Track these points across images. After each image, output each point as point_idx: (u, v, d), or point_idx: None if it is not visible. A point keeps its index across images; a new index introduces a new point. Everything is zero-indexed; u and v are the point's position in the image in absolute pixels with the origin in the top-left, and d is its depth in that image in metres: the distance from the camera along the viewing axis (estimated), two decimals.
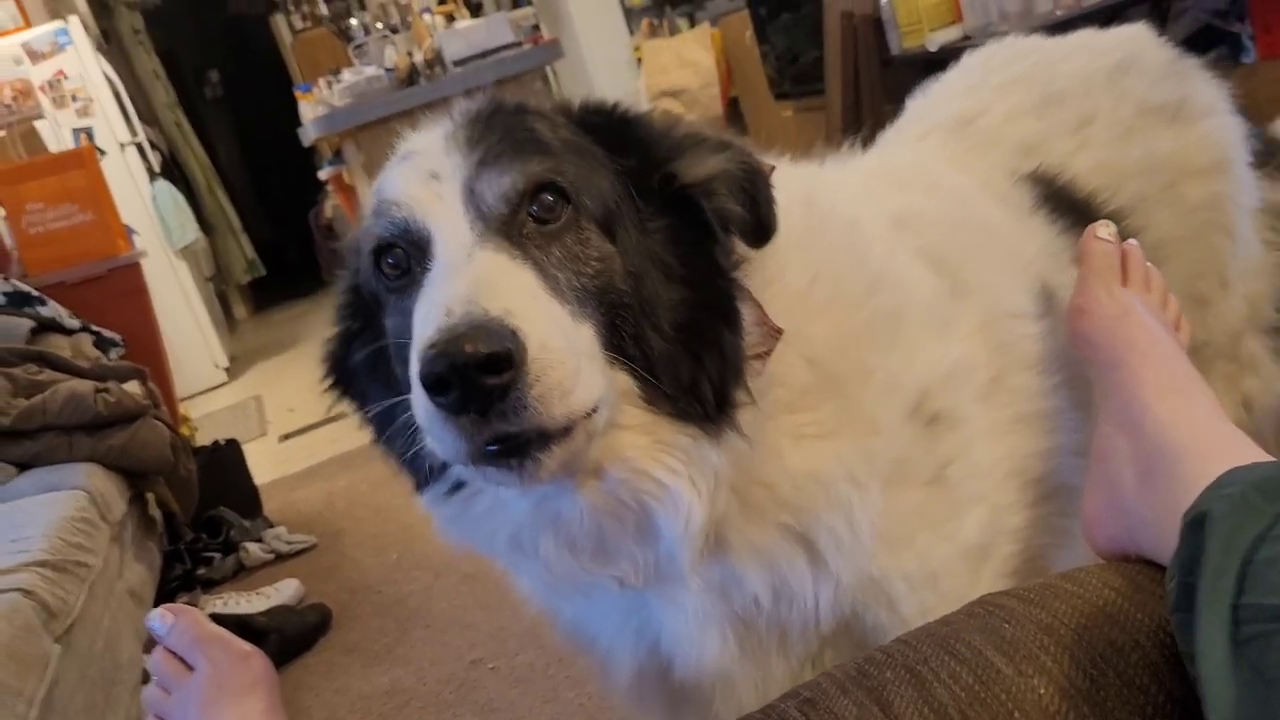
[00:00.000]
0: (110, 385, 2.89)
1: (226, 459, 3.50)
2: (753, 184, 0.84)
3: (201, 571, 3.11)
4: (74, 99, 5.86)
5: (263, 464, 3.95)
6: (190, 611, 1.01)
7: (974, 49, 1.48)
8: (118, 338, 3.67)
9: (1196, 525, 0.62)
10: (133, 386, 3.11)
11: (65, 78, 5.83)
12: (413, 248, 0.79)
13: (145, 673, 2.29)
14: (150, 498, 2.98)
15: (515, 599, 1.00)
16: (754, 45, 5.21)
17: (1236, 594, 0.57)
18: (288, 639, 2.52)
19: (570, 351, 0.70)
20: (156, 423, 2.89)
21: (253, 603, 2.76)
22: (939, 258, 1.02)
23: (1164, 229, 1.28)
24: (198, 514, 3.23)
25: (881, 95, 3.89)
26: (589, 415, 0.72)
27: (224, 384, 6.16)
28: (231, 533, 3.23)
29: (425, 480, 0.86)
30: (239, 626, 2.23)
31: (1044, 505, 1.00)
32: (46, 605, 1.87)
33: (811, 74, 4.63)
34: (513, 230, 0.77)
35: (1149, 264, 1.07)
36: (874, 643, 0.87)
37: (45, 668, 1.76)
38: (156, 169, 6.41)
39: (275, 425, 4.88)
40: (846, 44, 4.00)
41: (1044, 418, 1.02)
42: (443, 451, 0.72)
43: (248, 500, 3.45)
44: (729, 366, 0.80)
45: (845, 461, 0.86)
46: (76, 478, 2.55)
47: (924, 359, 0.93)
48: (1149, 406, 0.85)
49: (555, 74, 6.61)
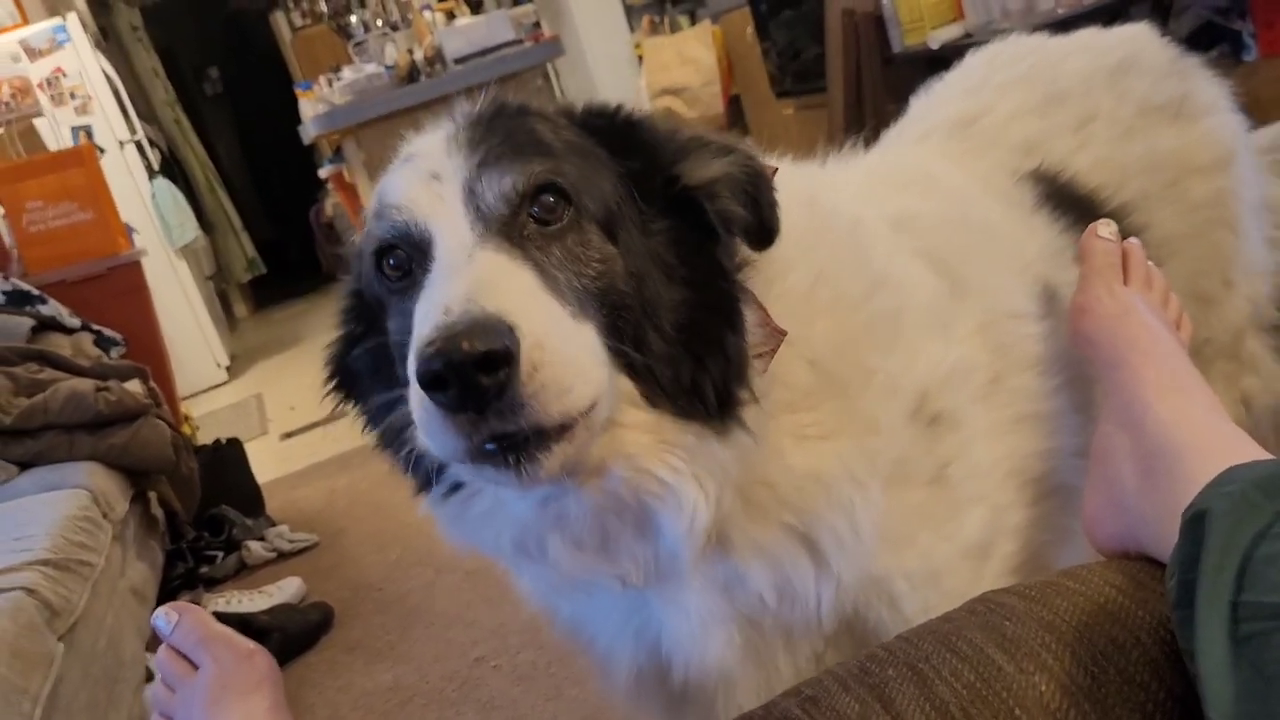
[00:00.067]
0: (111, 384, 2.89)
1: (228, 457, 3.51)
2: (756, 187, 0.83)
3: (204, 570, 3.11)
4: (72, 96, 5.85)
5: (264, 462, 3.96)
6: (195, 610, 1.01)
7: (976, 47, 1.49)
8: (118, 336, 3.67)
9: (1196, 523, 0.62)
10: (134, 385, 3.11)
11: (64, 75, 5.82)
12: (413, 249, 0.79)
13: (148, 671, 2.30)
14: (152, 496, 2.98)
15: (516, 596, 1.00)
16: (755, 42, 5.20)
17: (1236, 591, 0.57)
18: (290, 637, 2.52)
19: (568, 350, 0.70)
20: (158, 421, 2.90)
21: (255, 601, 2.77)
22: (940, 259, 1.02)
23: (1168, 226, 1.28)
24: (200, 512, 3.23)
25: (883, 93, 3.89)
26: (588, 413, 0.71)
27: (225, 383, 6.16)
28: (233, 531, 3.23)
29: (426, 483, 0.85)
30: (241, 625, 2.23)
31: (1044, 504, 1.01)
32: (50, 604, 1.87)
33: (813, 71, 4.61)
34: (513, 231, 0.76)
35: (1150, 263, 1.07)
36: (876, 642, 0.87)
37: (49, 666, 1.76)
38: (156, 167, 6.40)
39: (276, 424, 4.88)
40: (848, 41, 4.00)
41: (1044, 418, 1.02)
42: (440, 450, 0.71)
43: (249, 499, 3.45)
44: (732, 367, 0.79)
45: (846, 462, 0.86)
46: (78, 476, 2.55)
47: (924, 360, 0.93)
48: (1150, 405, 0.85)
49: (556, 71, 6.62)
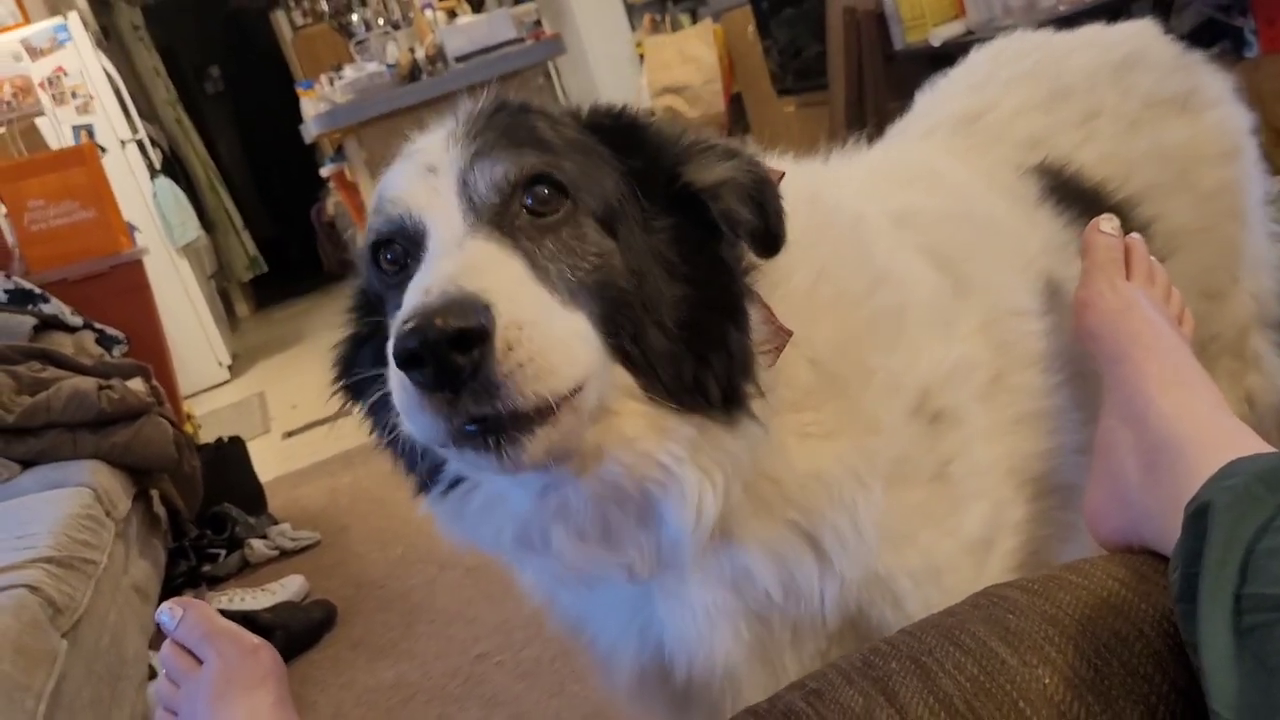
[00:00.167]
0: (114, 382, 2.89)
1: (230, 456, 3.51)
2: (761, 193, 0.83)
3: (206, 568, 3.12)
4: (74, 96, 5.85)
5: (266, 461, 3.96)
6: (199, 605, 1.01)
7: (977, 44, 1.49)
8: (120, 335, 3.67)
9: (1199, 516, 0.62)
10: (136, 384, 3.11)
11: (65, 74, 5.82)
12: (408, 242, 0.79)
13: (151, 668, 2.30)
14: (155, 494, 2.98)
15: (519, 592, 1.00)
16: (756, 41, 5.19)
17: (1239, 584, 0.57)
18: (293, 635, 2.53)
19: (550, 332, 0.69)
20: (160, 420, 2.90)
21: (258, 599, 2.77)
22: (942, 255, 1.02)
23: (1176, 219, 1.28)
24: (202, 511, 3.23)
25: (885, 91, 3.89)
26: (573, 398, 0.70)
27: (227, 381, 6.16)
28: (236, 529, 3.23)
29: (426, 482, 0.85)
30: (245, 623, 2.23)
31: (1046, 500, 1.01)
32: (53, 601, 1.87)
33: (814, 69, 4.61)
34: (505, 221, 0.76)
35: (1152, 258, 1.07)
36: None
37: (53, 663, 1.76)
38: (157, 166, 6.41)
39: (278, 422, 4.89)
40: (849, 39, 4.00)
41: (1046, 415, 1.02)
42: (420, 433, 0.70)
43: (252, 497, 3.45)
44: (736, 363, 0.79)
45: (847, 461, 0.86)
46: (81, 475, 2.55)
47: (926, 358, 0.93)
48: (1152, 400, 0.85)
49: (557, 70, 6.61)
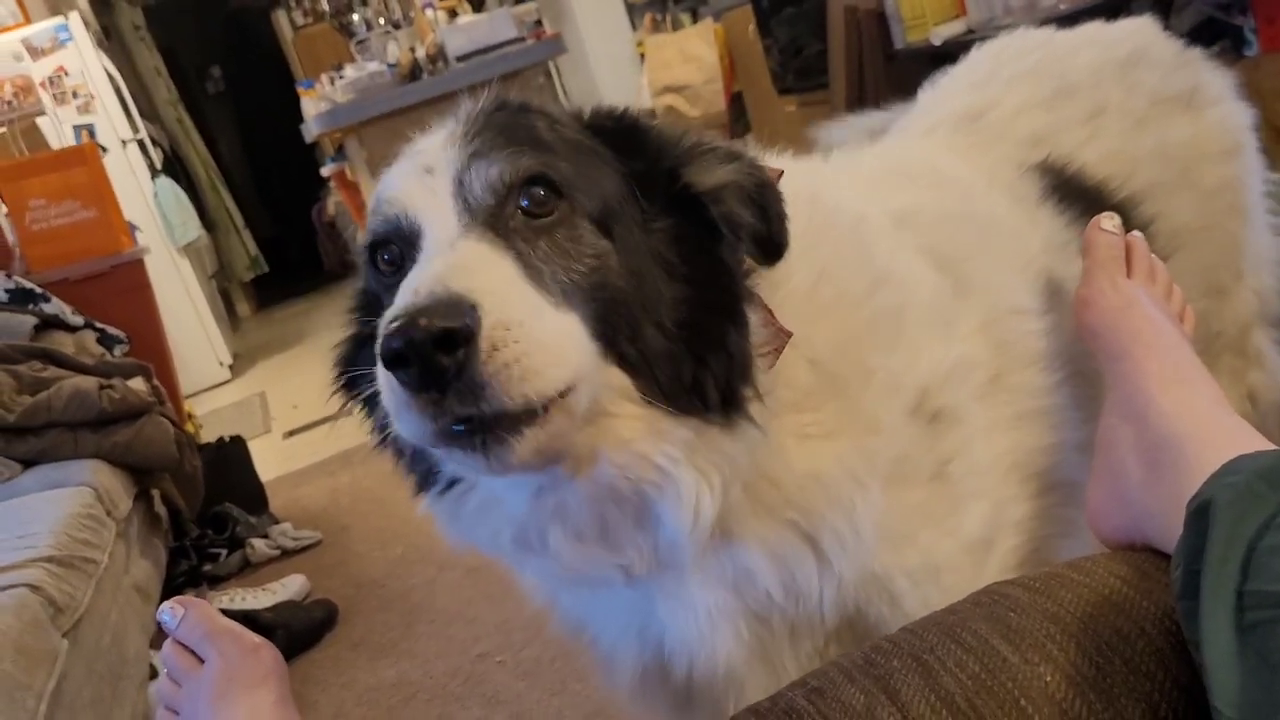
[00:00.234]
0: (115, 382, 2.89)
1: (232, 455, 3.51)
2: (762, 196, 0.83)
3: (207, 568, 3.12)
4: (75, 95, 5.85)
5: (267, 460, 3.96)
6: (200, 604, 1.01)
7: (979, 43, 1.48)
8: (121, 334, 3.67)
9: (1201, 513, 0.62)
10: (137, 383, 3.12)
11: (66, 74, 5.82)
12: (404, 243, 0.79)
13: (152, 668, 2.30)
14: (156, 494, 2.98)
15: (519, 592, 1.00)
16: (757, 40, 5.19)
17: (1241, 581, 0.57)
18: (294, 634, 2.53)
19: (538, 334, 0.69)
20: (161, 419, 2.90)
21: (259, 599, 2.77)
22: (942, 255, 1.01)
23: (1180, 217, 1.28)
24: (203, 510, 3.23)
25: (886, 90, 3.88)
26: (562, 399, 0.70)
27: (227, 381, 6.16)
28: (237, 529, 3.23)
29: (425, 482, 0.85)
30: (246, 622, 2.23)
31: (1046, 498, 1.00)
32: (54, 601, 1.87)
33: (815, 68, 4.60)
34: (499, 222, 0.76)
35: (1153, 255, 1.07)
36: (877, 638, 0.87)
37: (54, 662, 1.76)
38: (158, 166, 6.41)
39: (279, 422, 4.89)
40: (850, 38, 4.00)
41: (1046, 414, 1.02)
42: (408, 432, 0.70)
43: (253, 496, 3.46)
44: (735, 365, 0.79)
45: (846, 462, 0.86)
46: (82, 474, 2.55)
47: (926, 358, 0.93)
48: (1153, 397, 0.85)
49: (558, 70, 6.61)
